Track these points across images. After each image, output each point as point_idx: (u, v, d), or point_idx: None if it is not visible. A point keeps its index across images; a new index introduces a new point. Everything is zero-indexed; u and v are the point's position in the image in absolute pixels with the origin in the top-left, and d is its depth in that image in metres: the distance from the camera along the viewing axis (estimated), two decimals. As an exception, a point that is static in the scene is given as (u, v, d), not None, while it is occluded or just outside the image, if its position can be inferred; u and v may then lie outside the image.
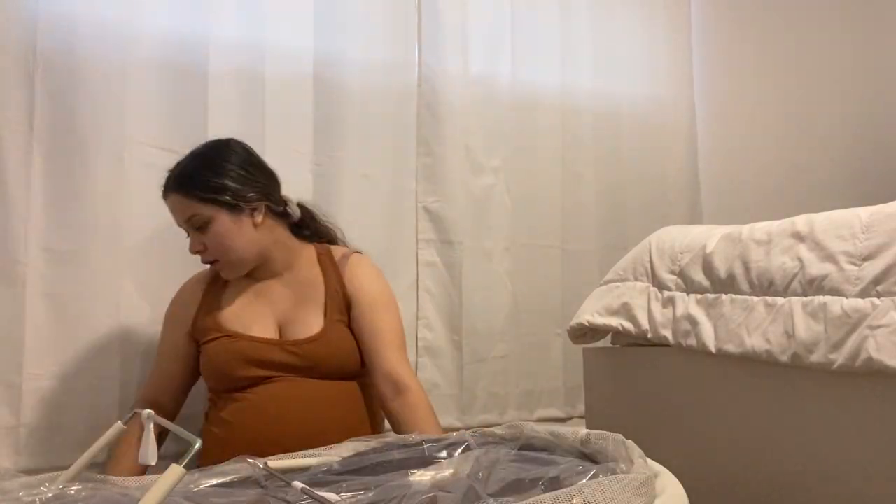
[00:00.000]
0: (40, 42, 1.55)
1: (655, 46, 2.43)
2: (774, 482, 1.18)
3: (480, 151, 2.08)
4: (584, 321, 1.54)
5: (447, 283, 2.02)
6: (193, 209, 1.34)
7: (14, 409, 1.50)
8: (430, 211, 2.01)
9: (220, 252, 1.37)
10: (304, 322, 1.38)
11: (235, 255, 1.38)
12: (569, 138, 2.23)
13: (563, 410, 2.18)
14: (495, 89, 2.12)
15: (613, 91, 2.34)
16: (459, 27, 2.06)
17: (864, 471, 1.05)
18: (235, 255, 1.38)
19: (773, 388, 1.18)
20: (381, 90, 1.95)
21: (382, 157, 1.94)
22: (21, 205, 1.52)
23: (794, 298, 1.13)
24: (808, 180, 2.34)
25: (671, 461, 1.38)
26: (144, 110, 1.64)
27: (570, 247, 2.22)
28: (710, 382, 1.30)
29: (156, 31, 1.66)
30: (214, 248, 1.36)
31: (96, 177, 1.59)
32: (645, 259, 1.48)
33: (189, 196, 1.34)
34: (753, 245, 1.23)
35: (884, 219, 1.06)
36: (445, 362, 2.00)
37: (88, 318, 1.57)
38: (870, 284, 1.02)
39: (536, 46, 2.20)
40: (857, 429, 1.06)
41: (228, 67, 1.73)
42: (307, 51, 1.84)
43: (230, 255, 1.37)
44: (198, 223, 1.35)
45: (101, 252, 1.59)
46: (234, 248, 1.37)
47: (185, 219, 1.36)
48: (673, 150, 2.44)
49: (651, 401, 1.43)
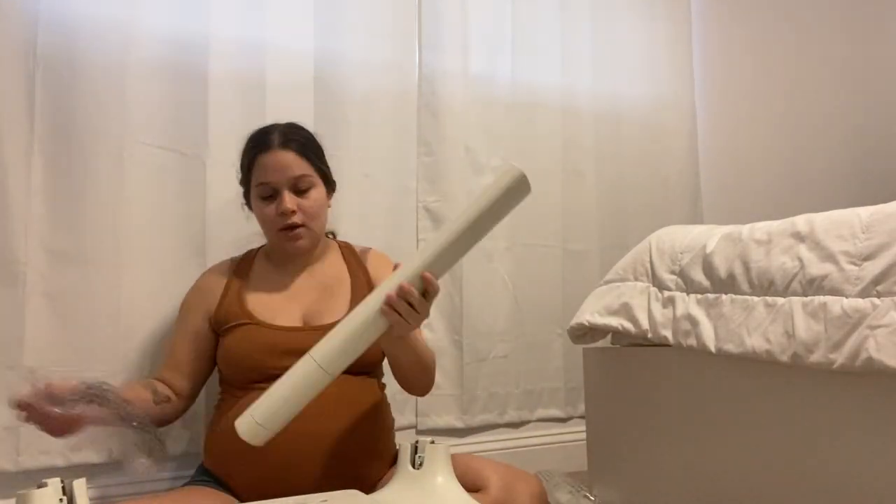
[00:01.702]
0: (40, 42, 1.55)
1: (656, 46, 2.43)
2: (774, 482, 1.18)
3: (480, 151, 2.08)
4: (585, 321, 1.54)
5: (448, 283, 2.02)
6: (306, 170, 1.38)
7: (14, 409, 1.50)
8: (431, 211, 2.01)
9: (311, 217, 1.39)
10: (331, 312, 1.36)
11: (319, 226, 1.42)
12: (569, 138, 2.24)
13: (563, 410, 2.18)
14: (495, 89, 2.12)
15: (614, 91, 2.34)
16: (459, 27, 2.06)
17: (864, 471, 1.05)
18: (319, 226, 1.42)
19: (773, 388, 1.18)
20: (382, 90, 1.95)
21: (383, 157, 1.95)
22: (21, 204, 1.52)
23: (795, 298, 1.13)
24: (808, 180, 2.34)
25: (671, 461, 1.38)
26: (145, 110, 1.64)
27: (570, 247, 2.23)
28: (710, 382, 1.30)
29: (156, 32, 1.66)
30: (308, 213, 1.38)
31: (96, 177, 1.59)
32: (645, 259, 1.48)
33: (305, 157, 1.38)
34: (753, 245, 1.23)
35: (884, 219, 1.06)
36: (446, 362, 2.00)
37: (88, 318, 1.57)
38: (870, 284, 1.02)
39: (537, 46, 2.20)
40: (857, 429, 1.06)
41: (229, 67, 1.73)
42: (307, 50, 1.84)
43: (317, 224, 1.41)
44: (305, 185, 1.38)
45: (102, 252, 1.59)
46: (322, 219, 1.42)
47: (294, 176, 1.37)
48: (673, 149, 2.44)
49: (651, 401, 1.43)
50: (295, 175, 1.37)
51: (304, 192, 1.38)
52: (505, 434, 2.09)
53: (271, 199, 1.38)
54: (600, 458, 1.56)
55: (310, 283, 1.43)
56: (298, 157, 1.38)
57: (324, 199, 1.42)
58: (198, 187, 1.68)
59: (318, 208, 1.40)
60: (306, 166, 1.38)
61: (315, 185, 1.39)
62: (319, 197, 1.40)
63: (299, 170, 1.37)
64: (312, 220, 1.39)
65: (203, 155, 1.69)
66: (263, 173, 1.38)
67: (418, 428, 1.96)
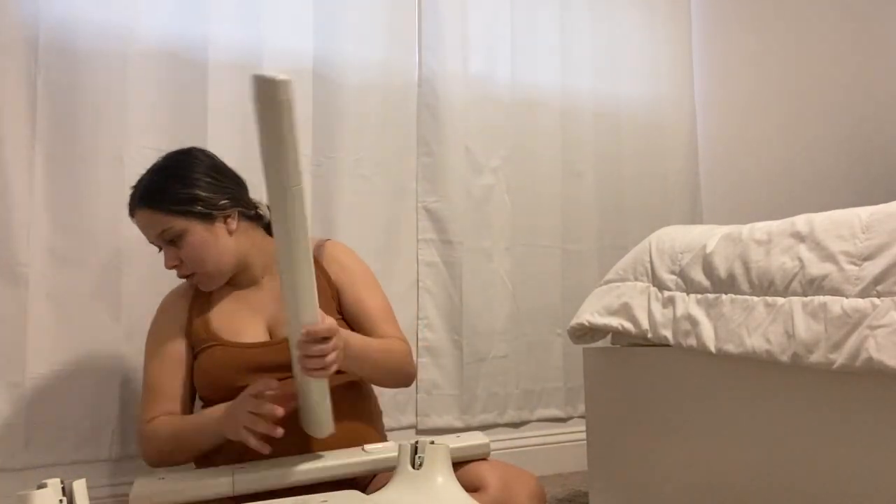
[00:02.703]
0: (42, 43, 1.55)
1: (655, 45, 2.43)
2: (774, 482, 1.18)
3: (480, 151, 2.09)
4: (585, 321, 1.54)
5: (447, 283, 2.02)
6: (164, 223, 1.28)
7: (17, 409, 1.51)
8: (431, 211, 2.02)
9: (196, 264, 1.31)
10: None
11: (213, 265, 1.32)
12: (568, 138, 2.24)
13: (563, 410, 2.18)
14: (495, 89, 2.12)
15: (613, 90, 2.34)
16: (459, 27, 2.07)
17: (864, 471, 1.05)
18: (213, 266, 1.32)
19: (773, 388, 1.18)
20: (381, 90, 1.95)
21: (382, 157, 1.95)
22: (23, 206, 1.53)
23: (795, 298, 1.13)
24: (808, 180, 2.35)
25: (671, 461, 1.38)
26: (145, 111, 1.65)
27: (569, 247, 2.23)
28: (710, 382, 1.30)
29: (156, 32, 1.67)
30: (191, 261, 1.30)
31: (97, 177, 1.60)
32: (645, 259, 1.48)
33: (159, 210, 1.28)
34: (753, 245, 1.23)
35: (884, 219, 1.06)
36: (446, 362, 2.01)
37: (90, 319, 1.58)
38: (870, 284, 1.02)
39: (536, 46, 2.20)
40: (857, 429, 1.06)
41: (228, 67, 1.74)
42: (307, 51, 1.85)
43: (207, 267, 1.31)
44: (170, 236, 1.29)
45: (103, 252, 1.59)
46: (211, 259, 1.31)
47: (156, 234, 1.30)
48: (673, 149, 2.44)
49: (651, 401, 1.43)
50: (158, 232, 1.29)
51: (175, 244, 1.29)
52: (505, 434, 2.09)
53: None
54: (600, 458, 1.56)
55: (269, 293, 1.37)
56: (153, 213, 1.28)
57: (202, 239, 1.29)
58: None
59: (198, 252, 1.29)
60: (166, 219, 1.28)
61: (186, 231, 1.28)
62: (195, 241, 1.29)
63: (160, 225, 1.28)
64: (200, 265, 1.31)
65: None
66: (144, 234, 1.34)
67: (418, 428, 1.97)
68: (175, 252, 1.30)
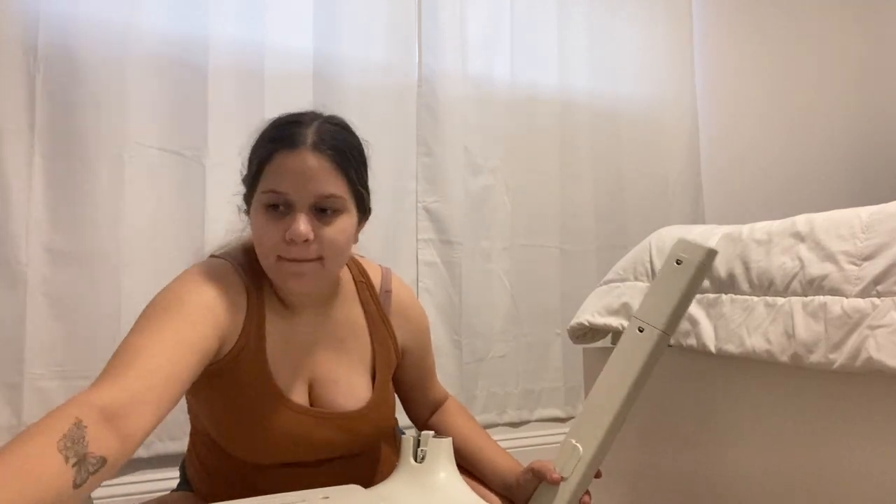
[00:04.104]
0: (41, 42, 1.55)
1: (656, 45, 2.43)
2: (774, 482, 1.18)
3: (479, 151, 2.09)
4: (584, 321, 1.54)
5: (447, 283, 2.02)
6: (338, 188, 0.98)
7: (16, 409, 1.50)
8: (430, 211, 2.02)
9: (331, 250, 0.99)
10: (348, 384, 1.07)
11: (339, 264, 1.04)
12: (568, 138, 2.24)
13: (562, 410, 2.18)
14: (494, 89, 2.12)
15: (613, 90, 2.34)
16: (459, 27, 2.07)
17: (864, 471, 1.05)
18: (338, 265, 1.04)
19: (773, 389, 1.18)
20: (381, 90, 1.95)
21: (382, 157, 1.95)
22: (22, 205, 1.53)
23: (795, 298, 1.13)
24: (808, 180, 2.35)
25: (671, 461, 1.38)
26: (144, 110, 1.65)
27: (568, 247, 2.23)
28: (710, 382, 1.30)
29: (156, 31, 1.67)
30: (328, 244, 0.98)
31: (97, 176, 1.60)
32: (645, 259, 1.48)
33: (343, 170, 0.99)
34: (753, 245, 1.23)
35: (884, 219, 1.06)
36: (445, 362, 2.01)
37: (89, 318, 1.57)
38: (870, 284, 1.02)
39: (536, 46, 2.20)
40: (857, 429, 1.06)
41: (228, 67, 1.74)
42: (307, 51, 1.85)
43: (339, 261, 1.03)
44: (330, 205, 0.98)
45: (102, 252, 1.59)
46: (345, 255, 1.03)
47: (320, 194, 0.97)
48: (674, 149, 2.44)
49: (651, 401, 1.43)
50: (321, 193, 0.97)
51: (328, 217, 0.98)
52: (504, 434, 2.09)
53: (280, 215, 0.97)
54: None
55: (323, 334, 1.08)
56: (333, 169, 0.98)
57: (352, 231, 1.03)
58: (197, 188, 1.68)
59: (344, 242, 1.00)
60: (341, 184, 0.98)
61: (345, 211, 1.00)
62: (347, 227, 1.00)
63: (330, 186, 0.97)
64: (332, 257, 0.99)
65: (202, 156, 1.69)
66: (279, 179, 0.97)
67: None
68: (316, 225, 0.97)
